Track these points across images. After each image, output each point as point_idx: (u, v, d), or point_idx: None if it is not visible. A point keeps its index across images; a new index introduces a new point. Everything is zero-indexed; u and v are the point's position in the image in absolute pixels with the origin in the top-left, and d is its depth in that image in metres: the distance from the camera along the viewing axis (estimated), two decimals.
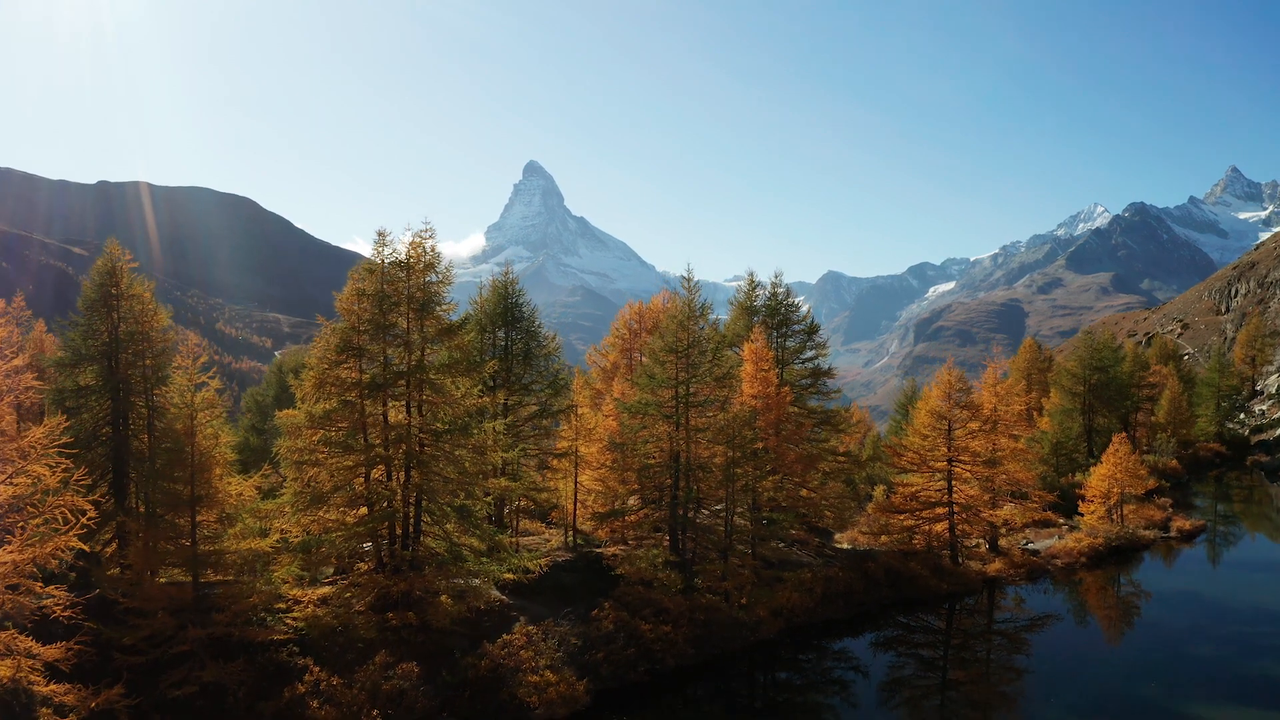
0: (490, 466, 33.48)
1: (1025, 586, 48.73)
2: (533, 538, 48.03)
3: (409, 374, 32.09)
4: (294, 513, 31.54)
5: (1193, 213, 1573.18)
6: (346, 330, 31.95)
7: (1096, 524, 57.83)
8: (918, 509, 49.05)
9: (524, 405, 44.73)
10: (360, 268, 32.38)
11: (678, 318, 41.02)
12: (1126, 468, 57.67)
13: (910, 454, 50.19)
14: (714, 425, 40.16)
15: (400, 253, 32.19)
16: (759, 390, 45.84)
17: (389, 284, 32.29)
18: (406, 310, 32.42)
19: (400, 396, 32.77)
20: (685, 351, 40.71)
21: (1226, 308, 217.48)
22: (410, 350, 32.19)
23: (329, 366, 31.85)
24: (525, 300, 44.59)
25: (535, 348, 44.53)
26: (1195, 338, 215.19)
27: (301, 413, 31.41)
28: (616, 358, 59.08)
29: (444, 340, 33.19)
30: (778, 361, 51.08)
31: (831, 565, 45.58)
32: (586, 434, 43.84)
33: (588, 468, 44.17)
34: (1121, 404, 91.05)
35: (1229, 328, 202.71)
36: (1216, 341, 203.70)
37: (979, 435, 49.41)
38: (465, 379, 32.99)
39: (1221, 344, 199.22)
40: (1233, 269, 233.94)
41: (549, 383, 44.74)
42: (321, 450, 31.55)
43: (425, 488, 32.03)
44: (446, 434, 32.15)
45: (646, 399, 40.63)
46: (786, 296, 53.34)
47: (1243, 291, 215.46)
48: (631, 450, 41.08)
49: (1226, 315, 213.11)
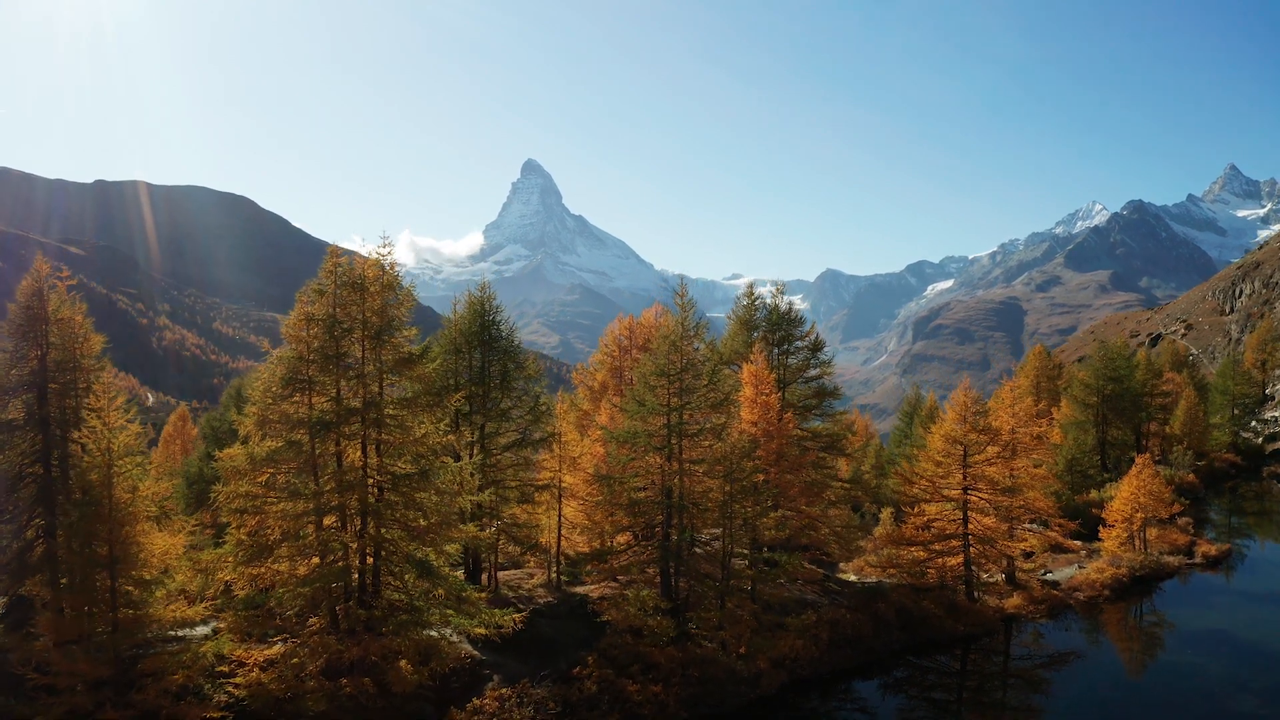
0: (458, 511, 29.52)
1: (1046, 623, 45.19)
2: (515, 571, 44.51)
3: (363, 410, 28.19)
4: (236, 565, 27.83)
5: (1191, 210, 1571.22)
6: (293, 360, 28.10)
7: (1118, 550, 54.27)
8: (930, 541, 45.21)
9: (502, 433, 40.57)
10: (309, 288, 28.57)
11: (670, 338, 37.13)
12: (1150, 490, 54.03)
13: (923, 481, 46.32)
14: (710, 456, 36.34)
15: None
16: (759, 416, 42.10)
17: (341, 307, 28.44)
18: (361, 337, 28.61)
19: (354, 436, 28.80)
20: (678, 375, 36.93)
21: (1231, 308, 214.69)
22: (365, 383, 28.24)
23: (273, 401, 27.99)
24: (504, 319, 40.34)
25: (514, 370, 40.28)
26: (1199, 338, 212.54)
27: (242, 453, 27.60)
28: (605, 377, 54.73)
29: (403, 371, 29.26)
30: (779, 381, 47.29)
31: (838, 605, 41.88)
32: (571, 463, 40.20)
33: (573, 499, 40.62)
34: (1136, 415, 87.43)
35: (1234, 328, 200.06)
36: (1221, 342, 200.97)
37: (996, 461, 45.58)
38: (427, 415, 29.04)
39: (1227, 345, 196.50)
40: (1237, 269, 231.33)
41: (529, 408, 40.48)
42: (270, 495, 27.82)
43: (382, 539, 28.16)
44: (406, 478, 28.34)
45: (635, 428, 36.89)
46: (789, 310, 49.50)
47: (1247, 292, 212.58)
48: (619, 483, 37.26)
49: (1231, 316, 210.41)
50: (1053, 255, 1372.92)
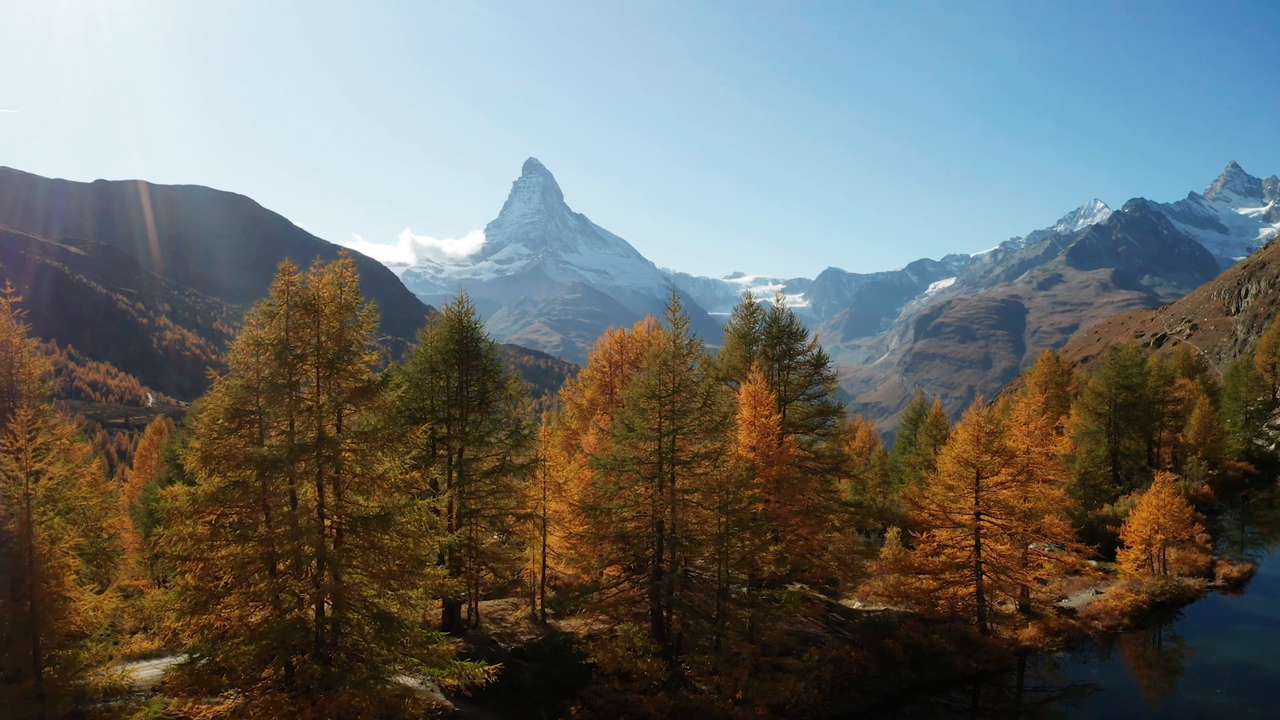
0: (424, 554, 26.57)
1: (1063, 656, 42.49)
2: (499, 602, 41.78)
3: (314, 447, 25.39)
4: (180, 613, 25.00)
5: (1193, 208, 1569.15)
6: (240, 390, 25.29)
7: (1135, 573, 51.49)
8: (940, 569, 42.26)
9: (482, 459, 37.51)
10: (258, 310, 25.76)
11: (661, 356, 34.18)
12: (1170, 511, 51.19)
13: (933, 505, 43.47)
14: (705, 485, 33.51)
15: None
16: (758, 440, 39.26)
17: (294, 331, 25.61)
18: (315, 365, 25.86)
19: (309, 474, 26.01)
20: (670, 397, 34.05)
21: (1237, 308, 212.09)
22: (318, 416, 25.37)
23: (218, 435, 25.14)
24: (484, 335, 37.21)
25: (494, 390, 37.27)
26: (1205, 338, 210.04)
27: (184, 493, 24.78)
28: (594, 394, 51.55)
29: (362, 401, 26.50)
30: (779, 399, 44.32)
31: (842, 640, 39.10)
32: (556, 490, 37.45)
33: (559, 527, 37.89)
34: (1149, 424, 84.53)
35: (1240, 328, 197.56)
36: (1228, 343, 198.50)
37: (1011, 485, 42.62)
38: (390, 450, 26.15)
39: (1233, 345, 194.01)
40: (1242, 268, 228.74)
41: (510, 432, 37.41)
42: (216, 539, 24.96)
43: (340, 587, 25.33)
44: (365, 520, 25.53)
45: (623, 454, 34.10)
46: (790, 322, 46.51)
47: (1253, 292, 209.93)
48: (606, 513, 34.41)
49: (1237, 316, 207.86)
50: (1054, 253, 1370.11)
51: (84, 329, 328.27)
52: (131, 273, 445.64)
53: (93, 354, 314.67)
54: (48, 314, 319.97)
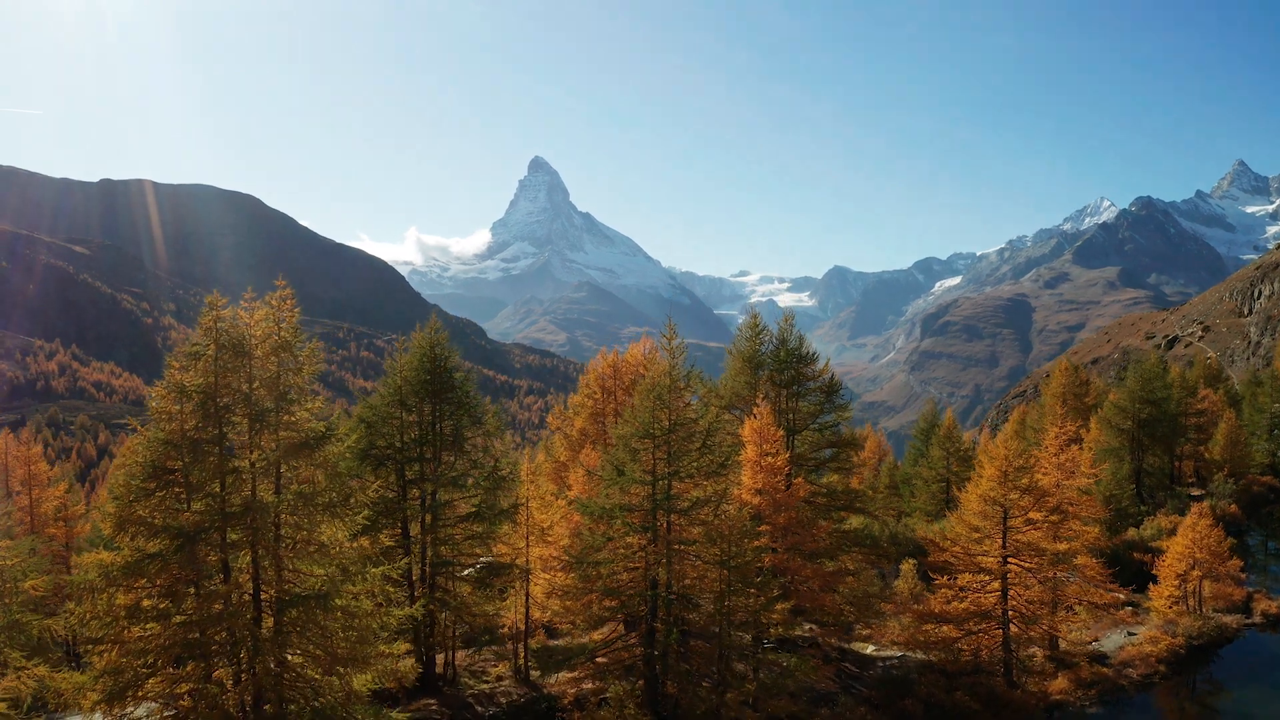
0: (378, 631, 22.86)
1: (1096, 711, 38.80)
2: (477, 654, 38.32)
3: (241, 515, 21.68)
4: (96, 702, 21.49)
5: (1200, 207, 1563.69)
6: (160, 445, 21.60)
7: (1169, 611, 47.77)
8: (963, 617, 38.39)
9: (456, 502, 33.64)
10: (182, 351, 22.18)
11: (655, 389, 30.40)
12: (1208, 545, 47.48)
13: (956, 548, 39.65)
14: (705, 535, 29.84)
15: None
16: (764, 483, 35.33)
17: (223, 376, 21.91)
18: (244, 416, 22.20)
19: (241, 546, 22.20)
20: (665, 436, 30.35)
21: (1249, 310, 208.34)
22: (249, 478, 21.66)
23: (135, 497, 21.46)
24: (458, 364, 33.25)
25: (470, 427, 33.50)
26: (1217, 340, 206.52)
27: (95, 565, 21.29)
28: (585, 423, 47.09)
29: (300, 458, 22.66)
30: (788, 430, 40.53)
31: (856, 697, 35.27)
32: (540, 535, 33.85)
33: (544, 573, 34.33)
34: (1174, 440, 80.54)
35: (1253, 330, 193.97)
36: (1240, 345, 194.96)
37: (1043, 525, 38.61)
38: (332, 516, 22.29)
39: (1246, 348, 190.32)
40: (1255, 269, 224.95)
41: (487, 474, 33.32)
42: (138, 618, 21.35)
43: (277, 677, 21.65)
44: (303, 600, 21.84)
45: (613, 501, 30.48)
46: (799, 345, 42.59)
47: (1266, 293, 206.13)
48: (595, 567, 30.63)
49: (1250, 318, 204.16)
50: (1061, 252, 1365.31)
51: (88, 329, 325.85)
52: (136, 272, 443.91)
53: (97, 354, 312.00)
54: (53, 314, 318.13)
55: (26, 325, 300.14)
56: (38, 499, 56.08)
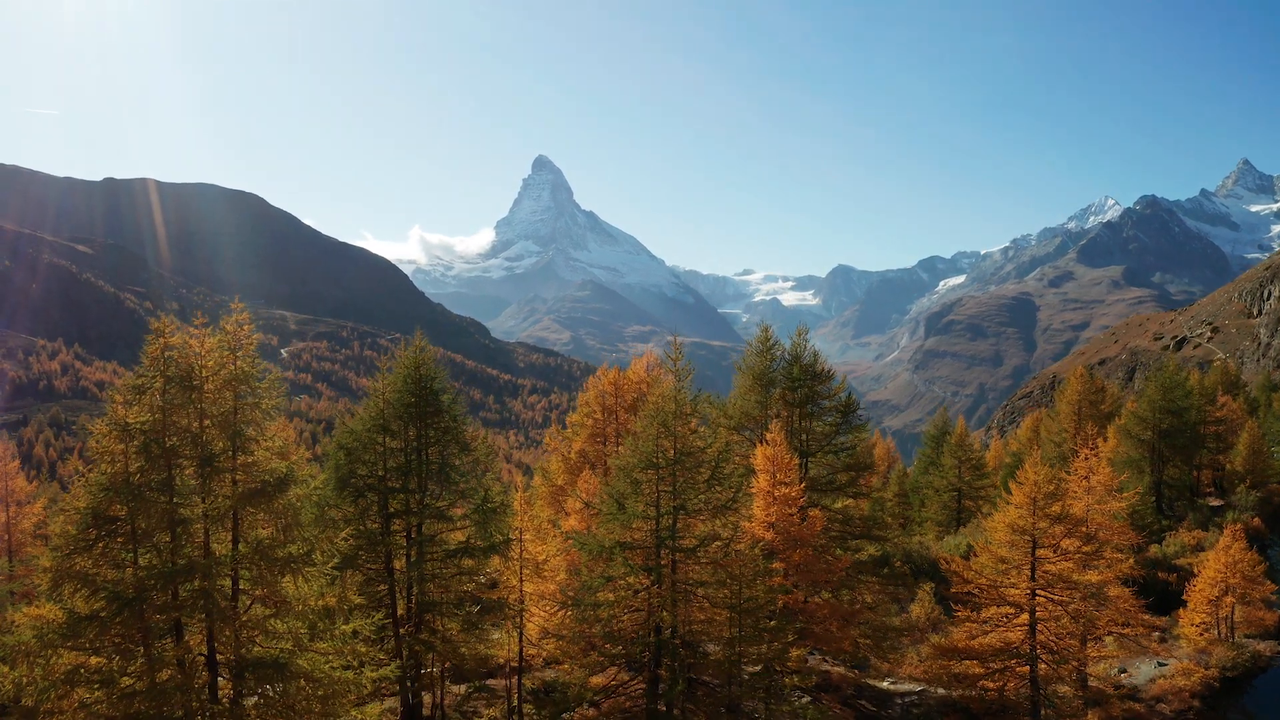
0: (352, 688, 20.46)
1: None
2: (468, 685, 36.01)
3: (188, 571, 19.09)
4: None
5: (1204, 205, 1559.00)
6: (102, 491, 18.93)
7: (1200, 639, 45.35)
8: (988, 654, 35.74)
9: (442, 537, 30.95)
10: (125, 384, 19.69)
11: (659, 415, 27.85)
12: (1241, 570, 45.03)
13: (981, 579, 36.59)
14: (713, 575, 27.43)
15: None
16: (778, 516, 32.64)
17: (172, 413, 19.35)
18: (193, 459, 19.59)
19: (194, 604, 19.37)
20: (670, 467, 27.83)
21: (1259, 310, 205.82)
22: (205, 529, 19.22)
23: (73, 550, 18.94)
24: (445, 386, 30.46)
25: (457, 454, 30.56)
26: (1226, 341, 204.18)
27: (29, 626, 18.89)
28: (584, 444, 44.05)
29: (257, 505, 20.00)
30: (801, 452, 37.91)
31: None
32: (535, 569, 31.42)
33: (539, 609, 31.92)
34: (1196, 451, 77.83)
35: (1263, 332, 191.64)
36: (1250, 346, 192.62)
37: (1075, 556, 35.82)
38: (293, 572, 19.70)
39: (1256, 349, 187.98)
40: (1264, 269, 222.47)
41: (476, 506, 30.15)
42: (80, 681, 18.99)
43: None
44: (260, 666, 19.34)
45: (613, 538, 27.98)
46: (814, 362, 39.79)
47: (1276, 294, 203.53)
48: (593, 609, 28.01)
49: (1259, 319, 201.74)
50: (1065, 250, 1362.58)
51: (91, 328, 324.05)
52: (140, 271, 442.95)
53: (100, 353, 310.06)
54: (55, 313, 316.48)
55: (29, 325, 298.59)
56: (15, 516, 53.53)
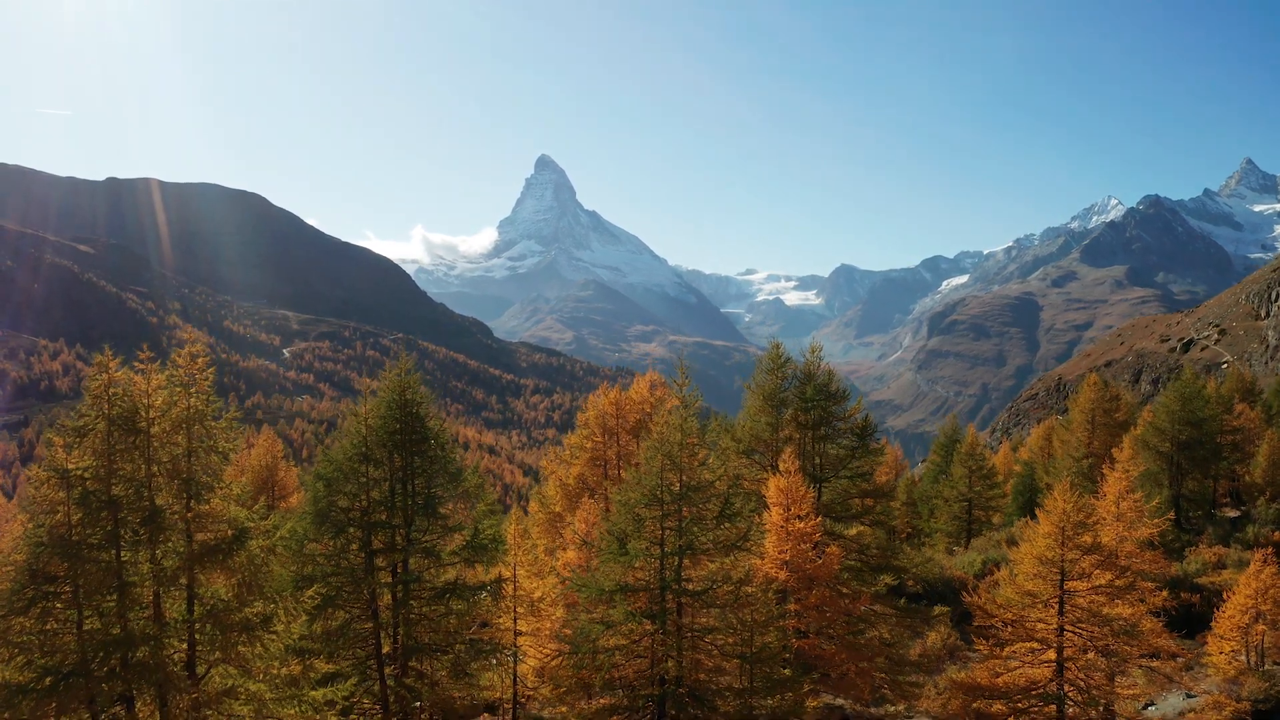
0: None
1: None
2: None
3: (127, 642, 16.76)
4: None
5: (1207, 205, 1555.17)
6: (38, 546, 16.77)
7: (1229, 668, 43.20)
8: (1013, 693, 33.44)
9: (429, 575, 28.41)
10: (65, 423, 17.46)
11: (664, 446, 25.65)
12: (1273, 596, 42.86)
13: (1006, 614, 34.12)
14: (722, 620, 25.40)
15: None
16: (792, 553, 30.28)
17: (117, 458, 17.14)
18: (139, 511, 17.26)
19: (144, 676, 16.89)
20: (676, 502, 25.70)
21: (1266, 312, 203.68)
22: (155, 590, 16.93)
23: (8, 612, 16.66)
24: (431, 414, 28.09)
25: (444, 485, 28.17)
26: (1234, 344, 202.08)
27: None
28: (584, 468, 41.34)
29: (212, 564, 17.89)
30: (814, 478, 35.68)
31: None
32: (530, 608, 29.33)
33: (534, 648, 29.88)
34: (1216, 462, 75.42)
35: (1271, 334, 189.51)
36: (1258, 349, 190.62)
37: (1107, 590, 33.26)
38: (253, 641, 17.44)
39: (1264, 352, 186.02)
40: (1272, 270, 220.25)
41: (468, 541, 27.93)
42: None
43: None
44: None
45: (614, 580, 25.70)
46: (828, 381, 37.31)
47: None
48: (591, 656, 25.71)
49: (1267, 321, 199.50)
50: (1068, 250, 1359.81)
51: (94, 328, 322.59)
52: (142, 271, 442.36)
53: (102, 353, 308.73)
54: (58, 313, 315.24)
55: (31, 325, 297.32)
56: None
